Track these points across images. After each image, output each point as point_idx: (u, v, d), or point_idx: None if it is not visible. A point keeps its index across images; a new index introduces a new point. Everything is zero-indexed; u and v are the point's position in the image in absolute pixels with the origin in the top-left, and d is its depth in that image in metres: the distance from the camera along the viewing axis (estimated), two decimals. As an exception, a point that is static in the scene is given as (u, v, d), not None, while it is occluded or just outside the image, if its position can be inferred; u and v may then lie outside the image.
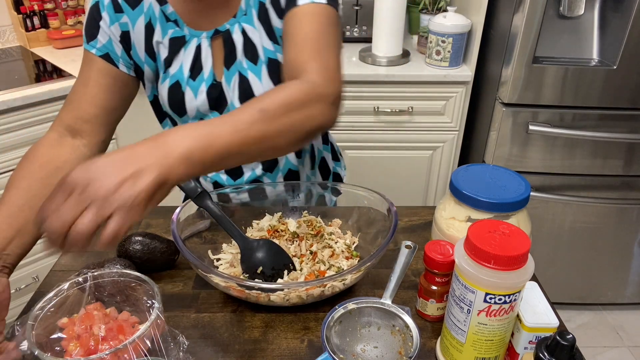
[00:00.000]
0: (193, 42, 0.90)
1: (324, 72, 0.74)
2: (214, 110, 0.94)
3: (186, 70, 0.90)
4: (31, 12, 1.98)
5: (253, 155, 0.65)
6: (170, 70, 0.91)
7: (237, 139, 0.61)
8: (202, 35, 0.89)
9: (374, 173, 2.04)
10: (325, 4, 0.81)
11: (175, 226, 0.79)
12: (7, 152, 1.60)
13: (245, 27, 0.88)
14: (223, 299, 0.82)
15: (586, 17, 1.66)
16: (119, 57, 0.90)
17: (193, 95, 0.91)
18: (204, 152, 0.58)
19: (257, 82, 0.90)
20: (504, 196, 0.75)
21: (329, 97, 0.72)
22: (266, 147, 0.65)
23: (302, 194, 0.98)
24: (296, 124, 0.67)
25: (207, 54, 0.90)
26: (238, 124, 0.61)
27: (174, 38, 0.89)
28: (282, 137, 0.66)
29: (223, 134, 0.60)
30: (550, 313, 0.66)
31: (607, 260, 1.98)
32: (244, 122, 0.62)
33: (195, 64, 0.90)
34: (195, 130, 0.59)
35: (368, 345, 0.69)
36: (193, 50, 0.90)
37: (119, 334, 0.66)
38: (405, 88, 1.86)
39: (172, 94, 0.92)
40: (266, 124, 0.63)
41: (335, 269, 0.83)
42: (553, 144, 1.76)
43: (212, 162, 0.59)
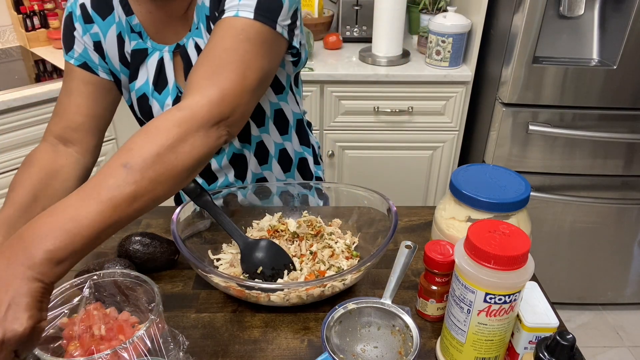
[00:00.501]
0: (155, 55, 0.89)
1: (211, 93, 0.67)
2: None
3: (151, 84, 0.90)
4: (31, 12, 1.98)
5: (130, 217, 0.58)
6: (136, 82, 0.91)
7: (107, 212, 0.54)
8: (164, 49, 0.88)
9: (374, 173, 2.05)
10: (251, 19, 0.73)
11: (175, 226, 0.79)
12: (7, 152, 1.60)
13: (198, 41, 0.86)
14: (223, 299, 0.82)
15: (586, 17, 1.66)
16: (97, 65, 0.89)
17: (160, 108, 0.91)
18: (71, 244, 0.52)
19: None
20: (504, 196, 0.75)
21: (210, 121, 0.65)
22: (144, 204, 0.58)
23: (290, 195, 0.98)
24: (172, 167, 0.60)
25: (169, 67, 0.89)
26: (103, 193, 0.55)
27: (136, 50, 0.89)
28: (159, 186, 0.59)
29: (88, 214, 0.53)
30: (550, 313, 0.66)
31: (607, 260, 1.98)
32: (110, 187, 0.55)
33: (159, 77, 0.90)
34: (56, 220, 0.53)
35: (368, 345, 0.69)
36: (155, 63, 0.89)
37: (118, 334, 0.66)
38: (405, 88, 1.86)
39: (140, 105, 0.92)
40: (135, 180, 0.56)
41: (335, 269, 0.83)
42: (553, 144, 1.76)
43: (84, 247, 0.54)
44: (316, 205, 0.99)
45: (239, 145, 0.97)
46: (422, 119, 1.93)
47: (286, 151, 1.04)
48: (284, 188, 0.99)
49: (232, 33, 0.72)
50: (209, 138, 0.65)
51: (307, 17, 2.11)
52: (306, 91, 1.85)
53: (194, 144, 0.63)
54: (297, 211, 0.97)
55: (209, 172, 1.00)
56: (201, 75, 0.69)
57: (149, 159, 0.58)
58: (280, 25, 0.76)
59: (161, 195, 0.60)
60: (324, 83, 1.85)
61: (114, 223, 0.56)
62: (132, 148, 0.59)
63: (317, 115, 1.92)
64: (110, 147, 1.83)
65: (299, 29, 0.84)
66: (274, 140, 1.00)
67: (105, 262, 0.79)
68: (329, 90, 1.87)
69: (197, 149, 0.63)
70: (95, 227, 0.54)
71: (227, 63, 0.70)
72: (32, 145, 1.64)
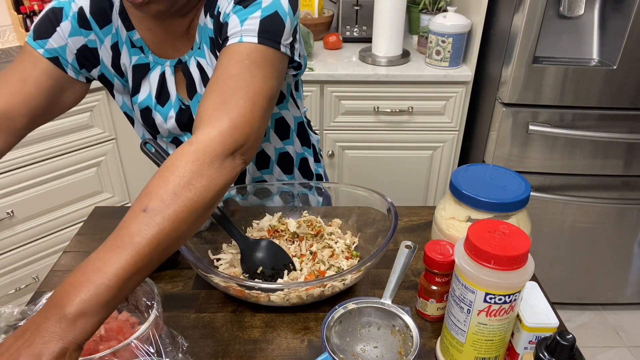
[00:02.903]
0: (157, 69, 0.89)
1: (222, 124, 0.66)
2: (186, 131, 0.93)
3: (153, 97, 0.90)
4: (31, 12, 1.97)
5: (158, 259, 0.58)
6: (139, 96, 0.91)
7: (130, 259, 0.54)
8: (166, 63, 0.88)
9: (374, 173, 2.05)
10: (255, 43, 0.73)
11: (175, 226, 0.79)
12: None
13: (200, 61, 0.87)
14: (223, 299, 0.82)
15: (586, 17, 1.66)
16: (68, 63, 0.86)
17: (163, 120, 0.91)
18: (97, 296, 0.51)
19: None
20: (504, 196, 0.75)
21: (224, 152, 0.64)
22: (168, 245, 0.58)
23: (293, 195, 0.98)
24: (192, 203, 0.59)
25: (171, 81, 0.89)
26: (126, 240, 0.55)
27: (137, 65, 0.89)
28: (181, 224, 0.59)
29: (112, 264, 0.53)
30: (550, 313, 0.66)
31: (607, 260, 1.98)
32: (132, 234, 0.55)
33: (161, 90, 0.90)
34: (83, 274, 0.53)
35: (368, 345, 0.69)
36: (157, 77, 0.89)
37: (118, 334, 0.66)
38: (405, 88, 1.86)
39: (144, 117, 0.92)
40: (156, 223, 0.56)
41: (335, 269, 0.83)
42: (553, 144, 1.76)
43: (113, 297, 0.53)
44: (317, 204, 0.99)
45: None
46: (422, 119, 1.93)
47: (288, 154, 1.04)
48: (284, 188, 0.99)
49: (237, 59, 0.72)
50: (225, 169, 0.64)
51: (307, 17, 2.11)
52: (306, 91, 1.85)
53: (210, 177, 0.62)
54: (297, 211, 0.97)
55: None
56: (210, 106, 0.68)
57: (167, 199, 0.58)
58: (283, 45, 0.76)
59: (184, 232, 0.60)
60: (324, 83, 1.85)
61: (140, 269, 0.55)
62: (150, 192, 0.59)
63: (317, 115, 1.92)
64: (110, 147, 1.83)
65: (298, 41, 0.84)
66: (274, 146, 1.01)
67: (105, 262, 0.79)
68: (329, 90, 1.87)
69: (213, 182, 0.62)
70: (121, 276, 0.53)
71: (235, 90, 0.69)
72: (32, 145, 1.64)
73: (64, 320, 0.50)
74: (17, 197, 1.67)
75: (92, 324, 0.52)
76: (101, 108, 1.75)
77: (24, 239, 1.74)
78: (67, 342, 0.50)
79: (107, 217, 1.03)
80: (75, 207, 1.82)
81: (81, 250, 0.93)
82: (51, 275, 0.88)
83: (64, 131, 1.70)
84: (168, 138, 0.96)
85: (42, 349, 0.49)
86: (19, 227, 1.71)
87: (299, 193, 0.98)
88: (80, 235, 0.98)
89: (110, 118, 1.79)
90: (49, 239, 1.80)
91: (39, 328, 0.50)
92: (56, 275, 0.88)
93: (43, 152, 1.67)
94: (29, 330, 0.50)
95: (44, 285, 0.85)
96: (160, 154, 0.81)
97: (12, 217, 1.67)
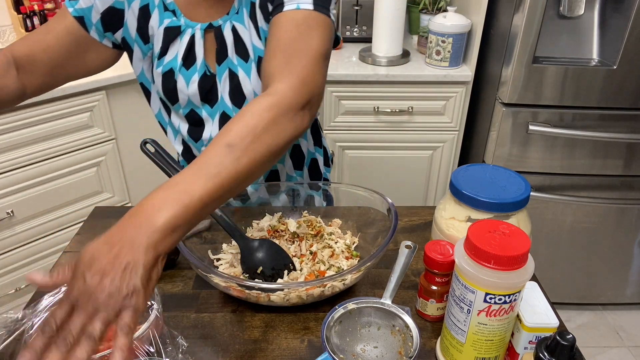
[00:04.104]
0: (187, 32, 0.91)
1: (292, 80, 0.73)
2: (205, 102, 0.94)
3: (179, 59, 0.91)
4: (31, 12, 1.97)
5: (232, 192, 0.64)
6: (165, 58, 0.92)
7: (212, 187, 0.60)
8: (197, 26, 0.90)
9: (374, 173, 2.05)
10: (311, 9, 0.80)
11: (175, 226, 0.79)
12: (7, 152, 1.60)
13: (236, 25, 0.89)
14: (223, 299, 0.82)
15: (586, 17, 1.66)
16: (92, 24, 0.90)
17: (185, 84, 0.92)
18: (185, 214, 0.57)
19: (246, 80, 0.92)
20: (504, 196, 0.75)
21: (297, 105, 0.71)
22: (243, 180, 0.64)
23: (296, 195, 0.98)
24: (267, 146, 0.66)
25: (199, 45, 0.91)
26: (210, 169, 0.61)
27: (169, 27, 0.90)
28: (257, 163, 0.65)
29: (198, 188, 0.59)
30: (550, 313, 0.66)
31: (607, 260, 1.98)
32: (215, 165, 0.61)
33: (188, 53, 0.91)
34: (171, 193, 0.58)
35: (368, 345, 0.69)
36: (187, 40, 0.91)
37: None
38: (405, 88, 1.86)
39: (165, 81, 0.93)
40: (237, 159, 0.62)
41: (335, 269, 0.83)
42: (553, 144, 1.76)
43: (194, 218, 0.59)
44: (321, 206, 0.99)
45: None
46: (422, 119, 1.93)
47: (300, 148, 1.06)
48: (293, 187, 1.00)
49: (295, 24, 0.79)
50: (296, 121, 0.71)
51: (307, 17, 2.11)
52: (306, 91, 1.85)
53: (284, 126, 0.68)
54: (297, 211, 0.97)
55: None
56: (277, 65, 0.75)
57: (247, 138, 0.64)
58: (332, 13, 0.84)
59: (256, 173, 0.66)
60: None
61: (218, 198, 0.61)
62: (232, 129, 0.65)
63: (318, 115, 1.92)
64: (110, 147, 1.83)
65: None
66: None
67: (105, 262, 0.79)
68: (329, 90, 1.87)
69: (287, 131, 0.69)
70: (204, 201, 0.59)
71: (298, 51, 0.76)
72: (32, 145, 1.64)
73: (157, 233, 0.55)
74: (17, 197, 1.67)
75: (177, 238, 0.58)
76: (101, 108, 1.75)
77: (24, 239, 1.74)
78: (159, 252, 0.56)
79: (107, 217, 1.03)
80: (75, 207, 1.82)
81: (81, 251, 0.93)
82: (51, 275, 0.88)
83: (64, 131, 1.70)
84: (185, 109, 0.96)
85: (140, 257, 0.54)
86: (19, 227, 1.71)
87: (307, 194, 0.99)
88: (80, 235, 0.98)
89: (110, 118, 1.79)
90: (49, 239, 1.80)
91: (133, 240, 0.54)
92: (56, 275, 0.87)
93: (43, 152, 1.67)
94: (119, 244, 0.54)
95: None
96: (160, 154, 0.81)
97: (12, 217, 1.68)
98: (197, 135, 0.98)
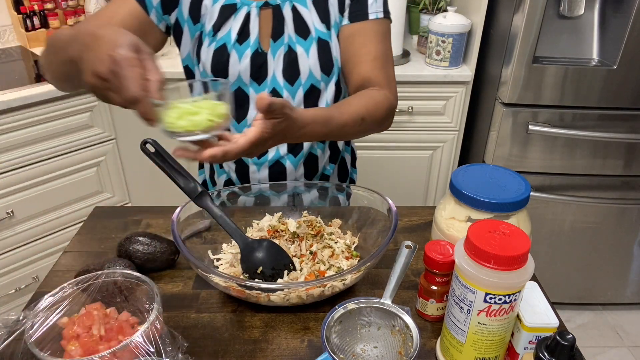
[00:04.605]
0: (243, 9, 0.93)
1: (392, 87, 0.96)
2: (253, 80, 0.96)
3: (234, 35, 0.94)
4: (31, 12, 1.97)
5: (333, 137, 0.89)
6: (219, 34, 0.94)
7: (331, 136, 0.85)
8: (252, 4, 0.93)
9: (374, 173, 2.04)
10: (385, 18, 0.97)
11: (175, 226, 0.79)
12: (7, 152, 1.60)
13: (298, 7, 0.94)
14: (223, 299, 0.82)
15: (586, 17, 1.66)
16: (153, 6, 0.93)
17: (237, 59, 0.94)
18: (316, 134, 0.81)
19: (304, 56, 0.95)
20: (504, 196, 0.75)
21: (395, 109, 0.95)
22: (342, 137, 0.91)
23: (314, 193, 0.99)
24: (371, 131, 0.91)
25: (254, 23, 0.94)
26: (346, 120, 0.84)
27: (226, 5, 0.93)
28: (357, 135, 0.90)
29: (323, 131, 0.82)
30: (550, 313, 0.66)
31: (607, 260, 1.98)
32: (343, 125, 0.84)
33: (243, 29, 0.94)
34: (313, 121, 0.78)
35: (368, 345, 0.69)
36: (242, 17, 0.93)
37: (118, 334, 0.66)
38: (405, 88, 1.86)
39: (217, 56, 0.95)
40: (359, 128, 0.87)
41: (335, 269, 0.83)
42: (553, 144, 1.76)
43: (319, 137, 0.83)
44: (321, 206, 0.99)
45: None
46: (422, 119, 1.93)
47: (337, 143, 1.11)
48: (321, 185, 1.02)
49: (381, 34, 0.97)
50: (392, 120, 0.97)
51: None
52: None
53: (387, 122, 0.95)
54: (297, 211, 0.97)
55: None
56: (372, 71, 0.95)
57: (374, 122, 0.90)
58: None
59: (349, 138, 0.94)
60: (324, 83, 1.85)
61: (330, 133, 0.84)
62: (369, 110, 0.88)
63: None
64: (110, 147, 1.83)
65: None
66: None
67: (105, 262, 0.79)
68: (329, 90, 1.86)
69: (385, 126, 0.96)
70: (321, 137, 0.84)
71: (387, 61, 0.97)
72: (32, 145, 1.64)
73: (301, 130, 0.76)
74: (17, 197, 1.67)
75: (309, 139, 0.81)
76: (101, 108, 1.75)
77: (24, 239, 1.74)
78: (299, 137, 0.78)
79: (107, 217, 1.03)
80: (75, 207, 1.82)
81: (81, 250, 0.93)
82: (51, 275, 0.88)
83: (64, 131, 1.70)
84: (233, 87, 0.97)
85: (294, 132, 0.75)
86: (19, 227, 1.71)
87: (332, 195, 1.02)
88: (80, 235, 0.98)
89: (110, 118, 1.79)
90: (49, 239, 1.80)
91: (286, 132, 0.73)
92: (56, 275, 0.87)
93: (43, 152, 1.67)
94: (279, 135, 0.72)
95: (44, 285, 0.85)
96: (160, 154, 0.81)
97: (12, 217, 1.68)
98: (241, 115, 1.00)
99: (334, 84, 1.00)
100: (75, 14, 2.08)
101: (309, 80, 0.97)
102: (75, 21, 2.07)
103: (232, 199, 0.96)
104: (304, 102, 0.99)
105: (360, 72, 0.95)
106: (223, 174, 1.09)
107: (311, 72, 0.96)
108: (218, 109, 0.66)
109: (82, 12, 2.09)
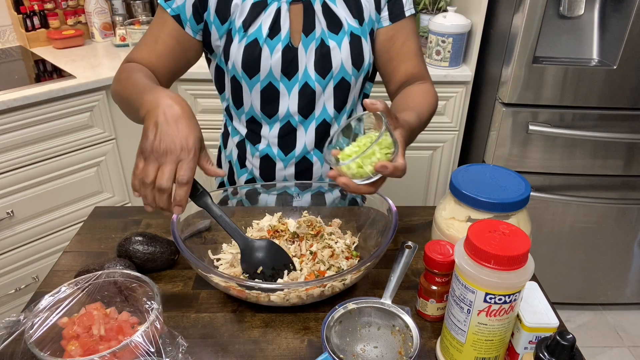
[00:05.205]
0: (273, 5, 0.94)
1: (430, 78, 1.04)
2: (284, 74, 0.97)
3: (265, 30, 0.94)
4: (31, 12, 1.98)
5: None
6: (249, 30, 0.95)
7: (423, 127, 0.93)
8: (283, 0, 0.94)
9: (374, 173, 2.04)
10: (414, 14, 1.02)
11: (175, 226, 0.79)
12: (7, 152, 1.60)
13: (328, 3, 0.95)
14: (223, 299, 0.82)
15: (586, 17, 1.66)
16: (187, 19, 0.95)
17: (269, 53, 0.95)
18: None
19: (337, 50, 0.96)
20: (504, 196, 0.75)
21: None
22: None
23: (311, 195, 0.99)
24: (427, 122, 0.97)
25: (285, 18, 0.95)
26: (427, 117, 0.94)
27: (256, 2, 0.94)
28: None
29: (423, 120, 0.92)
30: (550, 313, 0.66)
31: (607, 260, 1.98)
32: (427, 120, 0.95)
33: (274, 25, 0.95)
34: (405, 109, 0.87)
35: (368, 345, 0.69)
36: (273, 13, 0.94)
37: (118, 334, 0.66)
38: (405, 88, 1.86)
39: (248, 51, 0.95)
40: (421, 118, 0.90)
41: (335, 269, 0.83)
42: (553, 144, 1.76)
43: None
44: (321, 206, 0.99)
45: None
46: (422, 119, 1.92)
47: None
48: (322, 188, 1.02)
49: (415, 30, 1.03)
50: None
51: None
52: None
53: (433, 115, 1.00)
54: (297, 211, 0.97)
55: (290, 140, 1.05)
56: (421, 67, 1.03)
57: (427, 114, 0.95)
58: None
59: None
60: (324, 83, 1.85)
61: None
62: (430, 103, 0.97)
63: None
64: (110, 147, 1.83)
65: None
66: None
67: (105, 262, 0.79)
68: (329, 90, 1.86)
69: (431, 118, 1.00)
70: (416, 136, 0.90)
71: (422, 55, 1.04)
72: (32, 145, 1.64)
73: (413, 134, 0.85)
74: (17, 197, 1.67)
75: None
76: (101, 108, 1.75)
77: (24, 239, 1.74)
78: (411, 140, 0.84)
79: (107, 217, 1.03)
80: (75, 207, 1.82)
81: (81, 250, 0.93)
82: (51, 275, 0.88)
83: (64, 131, 1.70)
84: (263, 82, 0.97)
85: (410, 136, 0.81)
86: (19, 227, 1.71)
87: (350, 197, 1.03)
88: (80, 235, 0.98)
89: (110, 118, 1.79)
90: (49, 239, 1.80)
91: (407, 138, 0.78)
92: (56, 275, 0.87)
93: (43, 152, 1.67)
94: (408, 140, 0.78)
95: (44, 285, 0.85)
96: None
97: (12, 217, 1.68)
98: (271, 111, 1.00)
99: (362, 80, 1.02)
100: (75, 14, 2.08)
101: (340, 74, 0.98)
102: (75, 21, 2.07)
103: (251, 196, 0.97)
104: (333, 95, 0.99)
105: (407, 69, 1.00)
106: (244, 173, 1.10)
107: (343, 66, 0.97)
108: (383, 141, 0.69)
109: (82, 12, 2.09)
